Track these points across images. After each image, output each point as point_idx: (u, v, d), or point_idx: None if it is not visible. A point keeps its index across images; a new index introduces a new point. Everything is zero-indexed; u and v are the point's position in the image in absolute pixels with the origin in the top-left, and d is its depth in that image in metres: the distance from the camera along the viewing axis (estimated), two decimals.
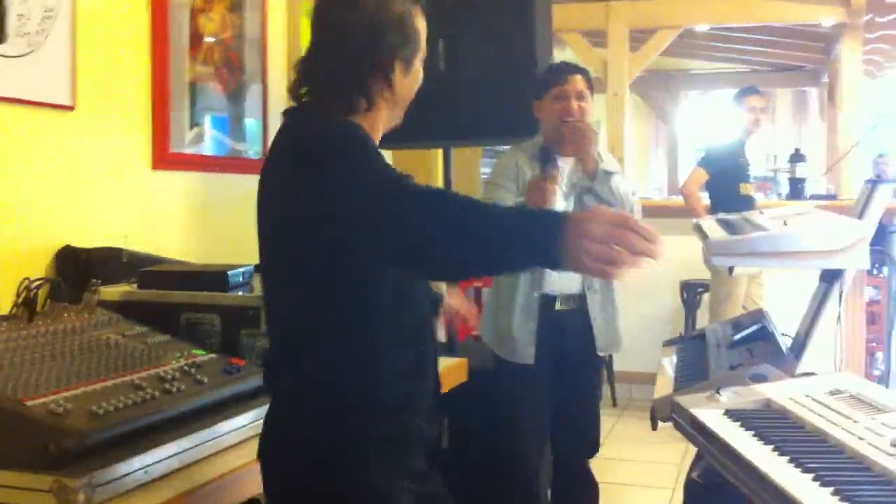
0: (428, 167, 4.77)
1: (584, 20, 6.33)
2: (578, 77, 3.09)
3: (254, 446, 1.63)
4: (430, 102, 3.21)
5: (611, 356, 5.22)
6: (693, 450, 2.42)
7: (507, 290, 3.06)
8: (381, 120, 1.73)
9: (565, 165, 3.10)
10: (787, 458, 1.45)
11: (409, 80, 1.74)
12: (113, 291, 2.08)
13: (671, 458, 4.59)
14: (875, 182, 2.86)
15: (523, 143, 3.18)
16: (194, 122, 3.04)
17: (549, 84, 3.09)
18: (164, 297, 2.05)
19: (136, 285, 2.13)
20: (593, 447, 3.26)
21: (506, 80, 3.29)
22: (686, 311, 5.79)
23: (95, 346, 1.76)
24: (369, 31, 1.65)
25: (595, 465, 3.27)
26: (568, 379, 3.12)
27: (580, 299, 3.12)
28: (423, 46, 1.75)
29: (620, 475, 4.48)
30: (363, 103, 1.66)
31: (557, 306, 3.11)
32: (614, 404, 5.80)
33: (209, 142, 3.15)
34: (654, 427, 2.19)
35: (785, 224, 2.59)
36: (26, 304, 1.95)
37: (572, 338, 3.11)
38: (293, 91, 1.71)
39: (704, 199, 5.30)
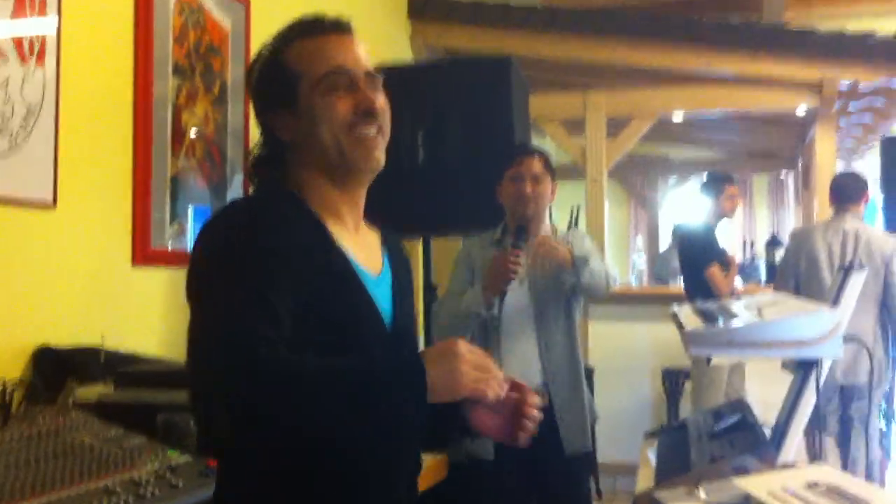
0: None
1: (563, 109, 6.46)
2: (534, 159, 3.06)
3: None
4: (410, 193, 3.27)
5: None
6: None
7: None
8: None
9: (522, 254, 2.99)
10: None
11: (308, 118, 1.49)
12: (89, 392, 2.07)
13: None
14: (847, 269, 2.89)
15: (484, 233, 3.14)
16: (175, 217, 3.06)
17: (506, 166, 3.07)
18: (140, 397, 2.03)
19: (112, 386, 2.12)
20: None
21: (483, 170, 3.27)
22: (668, 399, 5.77)
23: (70, 451, 1.74)
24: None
25: None
26: (547, 486, 2.99)
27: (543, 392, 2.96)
28: (313, 75, 1.45)
29: None
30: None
31: None
32: (599, 496, 5.70)
33: (191, 236, 3.16)
34: None
35: (760, 313, 2.61)
36: (0, 407, 1.94)
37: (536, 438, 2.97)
38: None
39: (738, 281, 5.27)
